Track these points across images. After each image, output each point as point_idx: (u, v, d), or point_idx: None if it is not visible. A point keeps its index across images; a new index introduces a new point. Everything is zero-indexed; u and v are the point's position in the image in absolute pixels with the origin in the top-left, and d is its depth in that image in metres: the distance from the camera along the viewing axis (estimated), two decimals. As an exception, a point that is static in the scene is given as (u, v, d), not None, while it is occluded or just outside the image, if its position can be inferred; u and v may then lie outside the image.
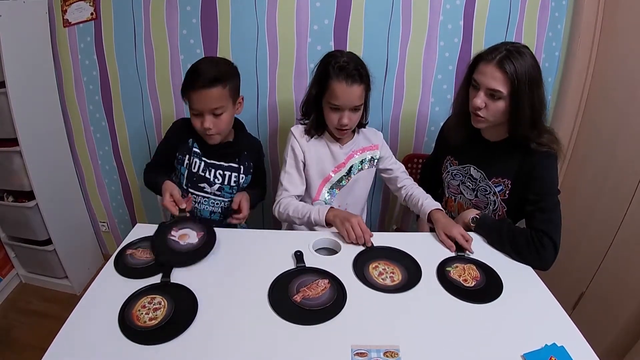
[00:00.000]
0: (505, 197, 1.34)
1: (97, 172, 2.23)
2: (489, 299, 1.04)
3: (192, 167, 1.47)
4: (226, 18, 1.80)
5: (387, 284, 1.09)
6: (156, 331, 0.91)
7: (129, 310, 0.96)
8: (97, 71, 1.96)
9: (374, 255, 1.20)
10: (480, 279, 1.12)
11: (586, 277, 1.71)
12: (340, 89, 1.31)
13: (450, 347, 0.89)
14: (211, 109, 1.33)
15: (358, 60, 1.35)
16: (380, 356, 0.85)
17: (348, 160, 1.52)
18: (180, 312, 0.96)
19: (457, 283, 1.10)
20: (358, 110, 1.39)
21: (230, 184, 1.53)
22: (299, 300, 1.01)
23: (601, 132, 1.75)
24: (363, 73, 1.33)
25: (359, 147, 1.54)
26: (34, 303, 2.11)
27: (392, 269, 1.15)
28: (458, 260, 1.19)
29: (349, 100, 1.33)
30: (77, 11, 1.88)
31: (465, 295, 1.05)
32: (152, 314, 0.95)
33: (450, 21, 1.77)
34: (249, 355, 0.86)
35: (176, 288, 1.05)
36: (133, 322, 0.93)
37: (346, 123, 1.37)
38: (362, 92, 1.35)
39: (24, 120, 1.78)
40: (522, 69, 1.15)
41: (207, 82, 1.29)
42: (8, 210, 1.98)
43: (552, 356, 0.84)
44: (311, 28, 1.79)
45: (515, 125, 1.23)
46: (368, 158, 1.56)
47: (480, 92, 1.22)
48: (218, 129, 1.37)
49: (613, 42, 1.69)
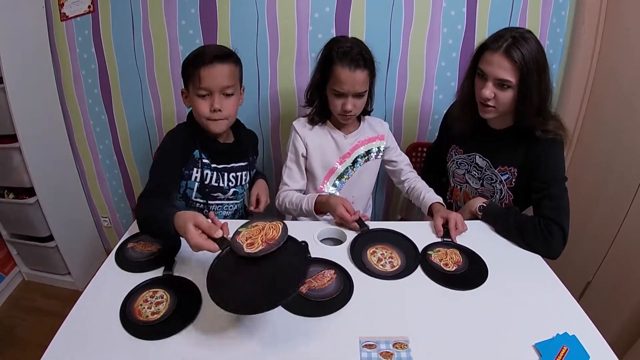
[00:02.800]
0: (512, 186, 1.32)
1: (98, 167, 2.22)
2: (470, 285, 1.02)
3: (205, 179, 1.35)
4: (225, 7, 1.77)
5: (387, 270, 1.08)
6: (158, 325, 0.90)
7: (130, 305, 0.95)
8: (96, 64, 1.94)
9: (371, 239, 1.19)
10: (462, 264, 1.11)
11: (592, 267, 1.70)
12: (344, 74, 1.29)
13: (461, 338, 0.87)
14: (223, 86, 1.23)
15: (362, 45, 1.33)
16: (390, 347, 0.84)
17: (353, 150, 1.50)
18: (183, 305, 0.95)
19: (437, 267, 1.09)
20: (362, 97, 1.36)
21: (242, 184, 1.47)
22: (305, 291, 0.99)
23: (606, 119, 1.73)
24: (367, 58, 1.31)
25: (365, 137, 1.51)
26: (37, 300, 2.10)
27: (390, 252, 1.14)
28: (442, 244, 1.18)
29: (353, 86, 1.30)
30: (74, 4, 1.86)
31: (444, 279, 1.05)
32: (154, 308, 0.94)
33: (453, 8, 1.74)
34: (254, 350, 0.84)
35: (179, 281, 1.03)
36: (135, 316, 0.92)
37: (350, 109, 1.34)
38: (367, 77, 1.32)
39: (23, 116, 1.76)
40: (529, 55, 1.12)
41: (220, 56, 1.22)
42: (9, 208, 1.97)
43: (564, 345, 0.82)
44: (312, 16, 1.76)
45: (521, 113, 1.21)
46: (374, 149, 1.53)
47: (488, 83, 1.19)
48: (227, 112, 1.27)
49: (618, 28, 1.66)
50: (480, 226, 1.29)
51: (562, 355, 0.79)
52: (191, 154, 1.32)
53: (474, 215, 1.33)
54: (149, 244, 1.18)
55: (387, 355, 0.82)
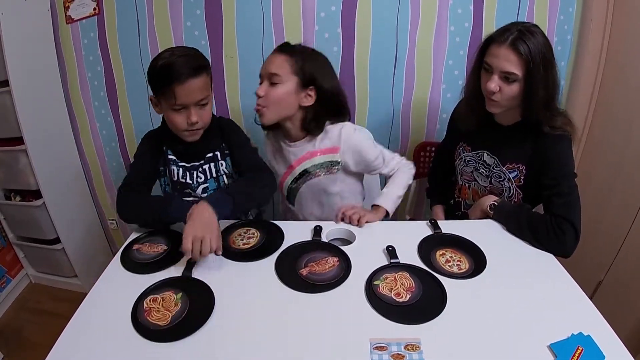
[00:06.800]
0: (520, 184, 1.30)
1: (104, 169, 2.22)
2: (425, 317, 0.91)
3: (173, 175, 1.35)
4: (231, 8, 1.76)
5: (454, 272, 1.06)
6: (170, 328, 0.89)
7: (141, 307, 0.94)
8: (102, 67, 1.94)
9: (440, 242, 1.18)
10: (416, 290, 0.99)
11: (604, 266, 1.67)
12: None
13: (474, 339, 0.85)
14: (198, 100, 1.20)
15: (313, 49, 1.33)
16: (401, 349, 0.82)
17: (298, 164, 1.38)
18: (196, 307, 0.94)
19: (386, 299, 0.96)
20: (275, 85, 1.26)
21: (213, 176, 1.39)
22: (305, 274, 0.98)
23: (616, 115, 1.70)
24: (299, 49, 1.30)
25: (315, 148, 1.35)
26: (44, 302, 2.11)
27: (459, 256, 1.12)
28: (388, 269, 1.06)
29: (265, 66, 1.29)
30: (79, 7, 1.86)
31: (395, 313, 0.92)
32: (165, 311, 0.93)
33: (460, 5, 1.73)
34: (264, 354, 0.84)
35: (194, 283, 1.02)
36: (145, 318, 0.91)
37: (259, 94, 1.26)
38: (284, 62, 1.26)
39: (29, 119, 1.77)
40: (535, 49, 1.11)
41: (193, 71, 1.17)
42: (16, 210, 1.98)
43: (579, 346, 0.80)
44: (318, 15, 1.75)
45: (528, 107, 1.19)
46: (326, 162, 1.36)
47: (494, 76, 1.18)
48: (204, 121, 1.25)
49: (626, 24, 1.64)
50: (492, 226, 1.27)
51: (577, 355, 0.78)
52: (162, 150, 1.35)
53: (484, 214, 1.32)
54: (154, 246, 1.18)
55: (399, 357, 0.80)
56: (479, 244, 1.15)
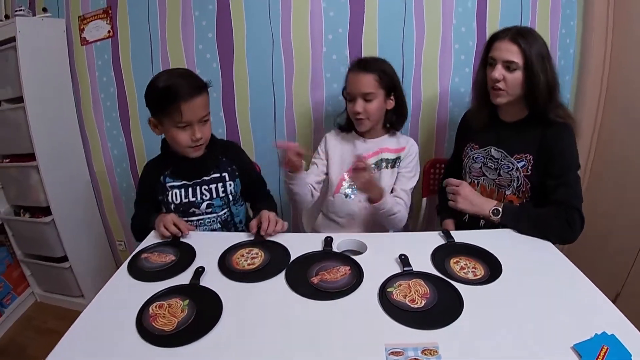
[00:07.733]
0: (528, 173, 1.34)
1: (115, 190, 2.23)
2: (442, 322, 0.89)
3: (176, 199, 1.42)
4: (241, 31, 1.82)
5: (470, 278, 1.04)
6: (176, 334, 0.88)
7: (147, 312, 0.93)
8: (115, 88, 1.99)
9: (455, 250, 1.17)
10: (430, 296, 0.97)
11: (621, 275, 1.65)
12: (350, 76, 1.47)
13: (494, 343, 0.83)
14: (201, 117, 1.31)
15: (377, 57, 1.48)
16: (419, 354, 0.80)
17: (371, 157, 1.54)
18: (203, 313, 0.93)
19: (401, 305, 0.94)
20: (371, 101, 1.45)
21: (220, 195, 1.44)
22: (316, 282, 0.97)
23: (623, 127, 1.71)
24: (374, 63, 1.46)
25: (385, 145, 1.56)
26: (49, 322, 2.08)
27: (473, 263, 1.11)
28: (401, 277, 1.05)
29: (357, 87, 1.44)
30: (94, 29, 1.93)
31: (410, 319, 0.90)
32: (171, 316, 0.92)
33: (464, 24, 1.77)
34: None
35: (202, 290, 1.01)
36: (151, 324, 0.90)
37: (358, 110, 1.45)
38: (373, 80, 1.43)
39: (41, 136, 1.80)
40: (533, 41, 1.26)
41: (197, 90, 1.28)
42: (24, 227, 1.98)
43: (604, 345, 0.78)
44: (325, 37, 1.80)
45: (533, 96, 1.28)
46: (391, 158, 1.55)
47: (497, 66, 1.30)
48: (206, 137, 1.36)
49: (627, 32, 1.68)
50: (504, 235, 1.26)
51: (602, 354, 0.75)
52: (159, 181, 1.43)
53: (487, 220, 1.34)
54: (162, 255, 1.18)
55: (416, 362, 0.78)
56: (493, 252, 1.14)
